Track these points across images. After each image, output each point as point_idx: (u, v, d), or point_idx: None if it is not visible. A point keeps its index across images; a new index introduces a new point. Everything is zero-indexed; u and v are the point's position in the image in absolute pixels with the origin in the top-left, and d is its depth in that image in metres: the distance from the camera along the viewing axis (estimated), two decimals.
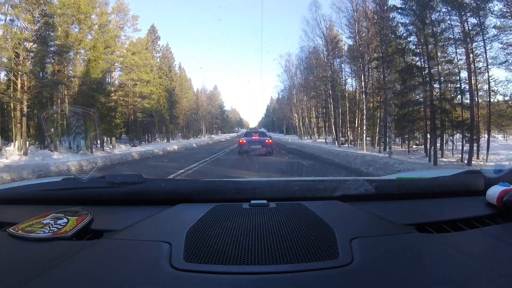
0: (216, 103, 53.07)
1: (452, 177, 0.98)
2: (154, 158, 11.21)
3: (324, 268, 0.44)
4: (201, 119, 41.85)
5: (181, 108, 30.37)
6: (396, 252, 0.50)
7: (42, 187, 0.91)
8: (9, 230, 0.58)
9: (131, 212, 0.75)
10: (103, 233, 0.60)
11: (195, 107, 39.56)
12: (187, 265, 0.45)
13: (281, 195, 0.82)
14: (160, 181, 0.93)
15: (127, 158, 10.78)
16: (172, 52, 31.56)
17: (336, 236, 0.53)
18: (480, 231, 0.60)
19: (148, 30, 27.72)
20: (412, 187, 0.91)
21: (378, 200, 0.81)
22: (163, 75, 29.20)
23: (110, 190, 0.82)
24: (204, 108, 43.10)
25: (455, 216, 0.67)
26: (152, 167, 8.21)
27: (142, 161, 10.50)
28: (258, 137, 11.09)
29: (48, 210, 0.68)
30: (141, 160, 10.68)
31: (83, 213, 0.66)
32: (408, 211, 0.75)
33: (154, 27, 28.78)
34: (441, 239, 0.56)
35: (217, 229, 0.57)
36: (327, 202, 0.77)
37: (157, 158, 11.45)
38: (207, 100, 46.12)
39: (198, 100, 41.42)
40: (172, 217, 0.69)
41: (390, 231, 0.58)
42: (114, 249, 0.52)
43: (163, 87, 29.07)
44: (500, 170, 0.82)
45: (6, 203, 0.85)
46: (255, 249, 0.49)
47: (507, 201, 0.65)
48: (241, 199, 0.77)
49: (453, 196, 0.84)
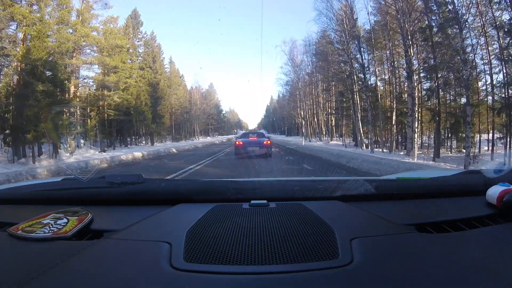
0: (212, 102, 48.61)
1: (452, 177, 1.00)
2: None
3: (324, 268, 0.43)
4: (194, 119, 37.21)
5: (167, 105, 25.73)
6: (396, 252, 0.50)
7: (42, 187, 0.92)
8: (9, 230, 0.58)
9: (131, 212, 0.75)
10: (103, 233, 0.60)
11: (188, 106, 35.13)
12: (187, 265, 0.45)
13: (281, 195, 0.82)
14: (160, 181, 0.94)
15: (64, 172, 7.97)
16: (159, 43, 27.24)
17: (336, 236, 0.52)
18: (480, 231, 0.60)
19: (128, 15, 23.41)
20: (412, 187, 0.90)
21: (378, 200, 0.81)
22: (146, 66, 24.86)
23: (110, 190, 0.82)
24: (198, 107, 38.34)
25: (455, 216, 0.67)
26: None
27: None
28: (255, 138, 10.50)
29: (48, 210, 0.68)
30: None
31: (83, 213, 0.66)
32: (408, 211, 0.75)
33: (136, 12, 24.31)
34: (441, 239, 0.56)
35: (217, 229, 0.57)
36: (327, 202, 0.77)
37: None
38: (201, 98, 41.68)
39: (191, 99, 36.91)
40: (172, 217, 0.69)
41: (390, 231, 0.57)
42: (114, 249, 0.52)
43: (145, 80, 24.64)
44: (500, 170, 0.81)
45: (6, 203, 0.85)
46: (255, 249, 0.49)
47: (507, 201, 0.64)
48: (241, 199, 0.76)
49: (453, 196, 0.83)
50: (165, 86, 26.28)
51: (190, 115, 35.67)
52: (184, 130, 34.66)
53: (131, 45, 21.74)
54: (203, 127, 44.18)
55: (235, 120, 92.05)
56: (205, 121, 43.62)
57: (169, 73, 31.47)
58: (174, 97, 29.40)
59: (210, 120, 46.64)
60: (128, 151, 14.47)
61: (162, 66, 27.31)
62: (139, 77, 22.96)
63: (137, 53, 24.39)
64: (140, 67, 23.16)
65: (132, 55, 23.06)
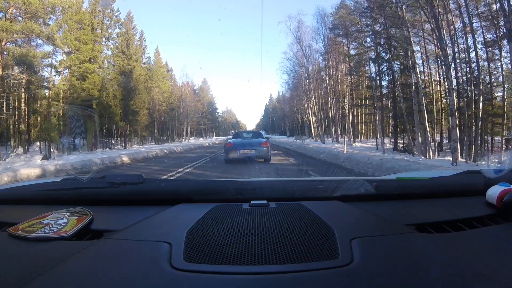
0: (205, 99, 43.54)
1: (452, 177, 0.99)
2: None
3: (324, 268, 0.43)
4: (183, 117, 31.81)
5: (145, 100, 20.32)
6: (396, 252, 0.49)
7: (42, 187, 0.91)
8: (9, 230, 0.58)
9: (131, 212, 0.75)
10: (103, 233, 0.60)
11: (176, 102, 29.91)
12: (187, 265, 0.44)
13: (281, 195, 0.82)
14: (160, 181, 0.95)
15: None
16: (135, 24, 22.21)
17: (336, 236, 0.52)
18: (480, 231, 0.60)
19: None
20: (412, 187, 0.90)
21: (378, 200, 0.80)
22: (116, 49, 19.73)
23: (110, 190, 0.82)
24: (187, 103, 32.71)
25: (455, 216, 0.67)
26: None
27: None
28: (250, 138, 8.41)
29: (48, 210, 0.68)
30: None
31: (83, 213, 0.66)
32: (408, 211, 0.74)
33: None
34: (441, 239, 0.56)
35: (217, 229, 0.57)
36: (327, 202, 0.76)
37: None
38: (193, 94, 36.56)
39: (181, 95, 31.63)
40: (172, 217, 0.68)
41: (390, 231, 0.57)
42: (114, 249, 0.51)
43: (117, 68, 19.44)
44: (500, 170, 0.80)
45: (6, 203, 0.84)
46: (255, 249, 0.49)
47: (507, 201, 0.64)
48: (241, 199, 0.76)
49: (453, 196, 0.83)
50: (143, 76, 21.19)
51: (179, 113, 30.37)
52: (171, 130, 29.38)
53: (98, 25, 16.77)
54: (195, 127, 38.91)
55: (233, 121, 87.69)
56: (198, 121, 38.35)
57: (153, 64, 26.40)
58: (156, 90, 24.20)
59: (203, 120, 41.37)
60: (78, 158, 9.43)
61: (139, 52, 22.22)
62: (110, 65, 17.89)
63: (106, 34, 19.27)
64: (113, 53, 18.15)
65: (98, 36, 17.97)
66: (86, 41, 15.67)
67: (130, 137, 20.62)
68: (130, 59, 19.55)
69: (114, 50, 19.62)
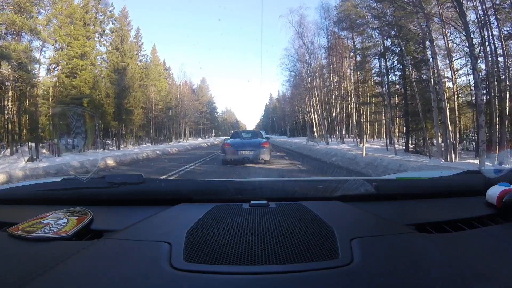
0: (204, 98, 42.54)
1: (452, 177, 0.99)
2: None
3: (324, 268, 0.43)
4: (181, 117, 30.84)
5: (140, 98, 19.33)
6: (396, 252, 0.49)
7: (42, 187, 0.91)
8: (9, 230, 0.58)
9: (131, 212, 0.75)
10: (103, 233, 0.60)
11: (174, 101, 28.94)
12: (187, 265, 0.44)
13: (281, 195, 0.82)
14: (160, 181, 0.95)
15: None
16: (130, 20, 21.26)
17: (336, 236, 0.52)
18: (480, 231, 0.60)
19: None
20: (412, 187, 0.90)
21: (378, 200, 0.80)
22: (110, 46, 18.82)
23: (110, 190, 0.82)
24: (185, 103, 31.81)
25: (455, 216, 0.67)
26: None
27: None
28: (250, 138, 7.87)
29: (48, 210, 0.68)
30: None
31: (83, 213, 0.66)
32: (408, 211, 0.74)
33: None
34: (441, 239, 0.55)
35: (217, 229, 0.57)
36: (327, 202, 0.76)
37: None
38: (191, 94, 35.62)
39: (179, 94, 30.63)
40: (172, 217, 0.68)
41: (390, 231, 0.57)
42: (114, 249, 0.51)
43: (110, 65, 18.55)
44: (500, 170, 0.80)
45: (6, 203, 0.84)
46: (255, 249, 0.49)
47: (507, 201, 0.64)
48: (241, 199, 0.76)
49: (453, 196, 0.82)
50: (138, 73, 20.26)
51: (177, 113, 29.39)
52: (168, 130, 28.42)
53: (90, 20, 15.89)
54: (194, 127, 37.94)
55: (232, 121, 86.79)
56: (196, 120, 37.37)
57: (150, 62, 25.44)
58: (153, 89, 23.24)
59: (202, 119, 40.38)
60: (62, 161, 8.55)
61: (134, 49, 21.28)
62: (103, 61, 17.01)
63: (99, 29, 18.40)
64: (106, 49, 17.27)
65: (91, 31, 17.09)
66: (77, 36, 14.79)
67: (125, 137, 19.71)
68: (124, 56, 18.68)
69: (108, 46, 18.71)
